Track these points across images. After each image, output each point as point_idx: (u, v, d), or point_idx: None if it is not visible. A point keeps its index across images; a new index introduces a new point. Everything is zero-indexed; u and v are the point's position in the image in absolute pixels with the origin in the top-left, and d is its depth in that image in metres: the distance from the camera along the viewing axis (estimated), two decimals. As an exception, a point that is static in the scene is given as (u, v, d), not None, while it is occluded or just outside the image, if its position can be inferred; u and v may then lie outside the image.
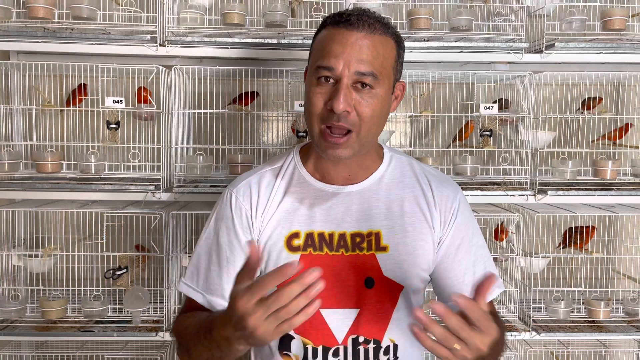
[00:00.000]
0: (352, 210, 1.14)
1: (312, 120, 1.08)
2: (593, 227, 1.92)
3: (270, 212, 1.14)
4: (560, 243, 1.95)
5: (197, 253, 1.18)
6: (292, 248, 1.12)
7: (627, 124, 1.91)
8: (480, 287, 0.88)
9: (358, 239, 1.12)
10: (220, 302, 1.16)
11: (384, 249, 1.12)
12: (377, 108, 1.06)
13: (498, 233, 1.87)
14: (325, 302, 1.11)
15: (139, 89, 1.81)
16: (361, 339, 1.11)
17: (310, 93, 1.08)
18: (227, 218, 1.16)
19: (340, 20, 1.06)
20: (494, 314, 1.20)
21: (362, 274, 1.11)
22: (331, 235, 1.13)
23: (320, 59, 1.06)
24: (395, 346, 1.13)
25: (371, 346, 1.12)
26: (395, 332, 1.13)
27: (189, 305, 1.18)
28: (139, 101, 1.79)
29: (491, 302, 1.20)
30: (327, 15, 1.12)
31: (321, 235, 1.13)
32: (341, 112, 1.03)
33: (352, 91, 1.04)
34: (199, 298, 1.16)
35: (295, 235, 1.13)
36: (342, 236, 1.13)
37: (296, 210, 1.14)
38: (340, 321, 1.11)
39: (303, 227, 1.13)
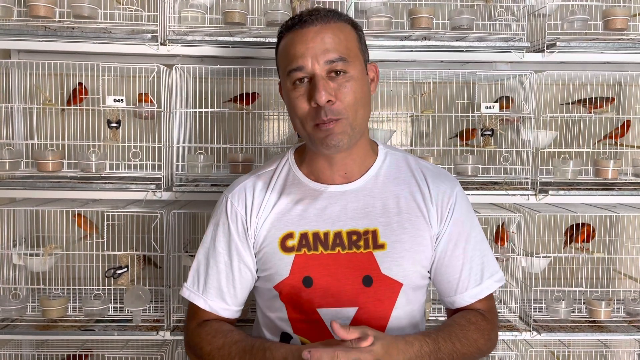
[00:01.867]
0: (347, 209, 1.14)
1: (302, 123, 1.10)
2: (593, 229, 1.91)
3: (264, 215, 1.15)
4: (565, 242, 1.95)
5: (197, 258, 1.20)
6: (286, 249, 1.13)
7: (627, 121, 1.90)
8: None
9: (355, 237, 1.12)
10: (221, 305, 1.16)
11: (382, 246, 1.12)
12: (357, 90, 1.08)
13: (498, 238, 1.86)
14: (322, 302, 1.11)
15: (139, 95, 1.81)
16: None
17: (291, 99, 1.09)
18: (223, 223, 1.17)
19: (294, 24, 1.09)
20: (491, 311, 1.19)
21: (359, 272, 1.11)
22: (326, 234, 1.12)
23: (288, 64, 1.08)
24: None
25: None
26: (395, 331, 1.13)
27: (196, 312, 1.19)
28: (146, 100, 1.80)
29: (490, 296, 1.20)
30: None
31: (316, 234, 1.12)
32: (324, 103, 1.04)
33: (329, 81, 1.06)
34: (200, 303, 1.17)
35: (289, 235, 1.13)
36: (337, 235, 1.12)
37: (290, 211, 1.15)
38: (338, 320, 1.11)
39: (297, 228, 1.13)
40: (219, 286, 1.16)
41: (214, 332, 1.13)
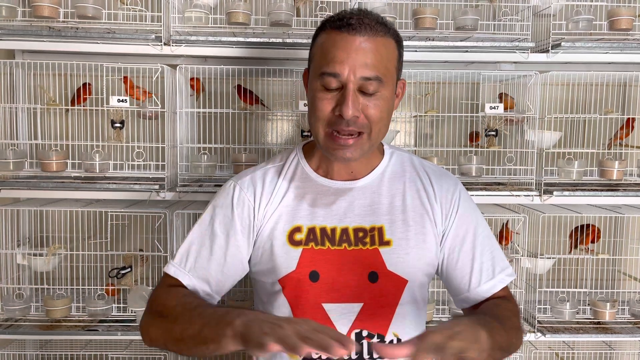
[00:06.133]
0: (354, 206, 1.15)
1: (318, 125, 1.09)
2: (598, 230, 1.90)
3: (272, 207, 1.15)
4: (571, 244, 1.94)
5: (189, 238, 1.17)
6: (293, 242, 1.13)
7: (632, 119, 1.89)
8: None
9: (361, 234, 1.13)
10: (202, 287, 1.13)
11: (387, 243, 1.13)
12: (384, 109, 1.08)
13: (503, 238, 1.86)
14: (328, 297, 1.12)
15: (125, 78, 1.81)
16: (365, 334, 1.12)
17: (316, 99, 1.08)
18: (226, 207, 1.16)
19: (342, 25, 1.06)
20: (507, 299, 1.18)
21: (365, 269, 1.12)
22: (333, 229, 1.13)
23: (324, 65, 1.06)
24: (399, 341, 1.13)
25: (375, 341, 1.12)
26: (399, 327, 1.14)
27: (169, 282, 1.14)
28: (131, 94, 1.80)
29: (505, 287, 1.18)
30: (326, 16, 1.13)
31: (323, 229, 1.13)
32: (350, 118, 1.03)
33: (359, 95, 1.05)
34: (185, 280, 1.13)
35: (297, 229, 1.13)
36: (344, 231, 1.13)
37: (298, 205, 1.15)
38: (343, 316, 1.12)
39: (305, 222, 1.14)
40: (208, 268, 1.13)
41: (186, 293, 1.10)
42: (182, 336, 0.98)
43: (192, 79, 1.85)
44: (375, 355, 1.11)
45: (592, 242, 1.89)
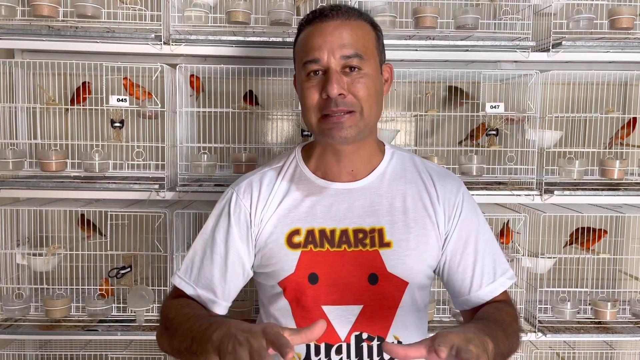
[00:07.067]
0: (354, 207, 1.14)
1: (309, 113, 1.10)
2: (605, 231, 1.90)
3: (270, 210, 1.15)
4: (566, 242, 1.94)
5: (193, 247, 1.19)
6: (292, 245, 1.13)
7: (633, 118, 1.89)
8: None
9: (361, 235, 1.12)
10: (207, 296, 1.15)
11: (388, 244, 1.12)
12: (370, 86, 1.09)
13: (503, 238, 1.85)
14: (328, 299, 1.11)
15: (125, 79, 1.81)
16: (364, 336, 1.11)
17: (303, 90, 1.11)
18: (225, 215, 1.17)
19: (315, 16, 1.11)
20: (507, 303, 1.18)
21: (365, 270, 1.11)
22: (332, 231, 1.12)
23: (304, 55, 1.09)
24: (400, 343, 1.12)
25: (375, 343, 1.11)
26: (400, 329, 1.13)
27: (176, 293, 1.18)
28: (131, 94, 1.80)
29: (505, 292, 1.19)
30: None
31: (322, 231, 1.12)
32: (336, 95, 1.05)
33: (343, 76, 1.07)
34: (189, 290, 1.15)
35: (296, 232, 1.13)
36: (344, 232, 1.12)
37: (297, 207, 1.15)
38: (343, 318, 1.11)
39: (304, 224, 1.13)
40: (211, 277, 1.15)
41: (186, 304, 1.11)
42: (180, 349, 1.01)
43: (191, 75, 1.85)
44: (386, 357, 1.11)
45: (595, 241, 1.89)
